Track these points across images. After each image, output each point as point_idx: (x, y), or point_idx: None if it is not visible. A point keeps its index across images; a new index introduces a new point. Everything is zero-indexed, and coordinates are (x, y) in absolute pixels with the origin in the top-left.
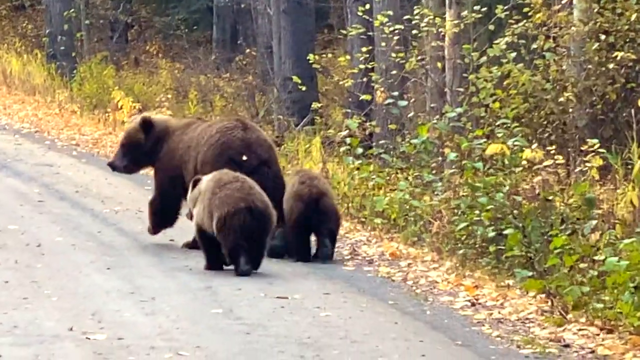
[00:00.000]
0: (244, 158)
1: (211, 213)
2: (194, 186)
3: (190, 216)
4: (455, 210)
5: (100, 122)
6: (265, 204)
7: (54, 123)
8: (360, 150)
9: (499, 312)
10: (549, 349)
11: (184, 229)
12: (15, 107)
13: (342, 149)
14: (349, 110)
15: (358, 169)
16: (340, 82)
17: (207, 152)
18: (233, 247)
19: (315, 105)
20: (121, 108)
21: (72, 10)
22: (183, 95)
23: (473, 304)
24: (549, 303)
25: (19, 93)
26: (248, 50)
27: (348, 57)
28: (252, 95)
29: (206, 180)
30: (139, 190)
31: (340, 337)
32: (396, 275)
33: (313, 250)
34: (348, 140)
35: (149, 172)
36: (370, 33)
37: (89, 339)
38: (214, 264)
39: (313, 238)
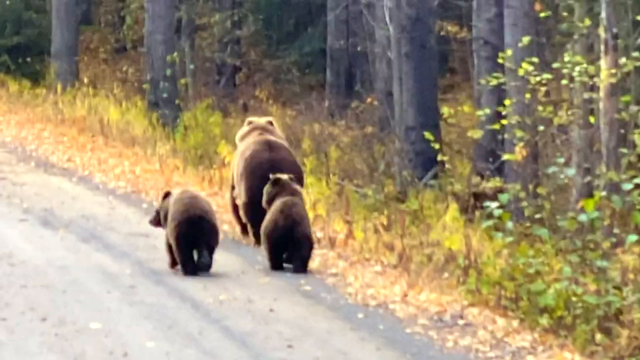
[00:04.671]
0: (270, 176)
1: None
2: (165, 198)
3: (153, 222)
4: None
5: (205, 181)
6: (204, 213)
7: (153, 181)
8: (510, 224)
9: None
10: None
11: (304, 329)
12: (111, 162)
13: (488, 222)
14: (479, 164)
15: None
16: (469, 134)
17: (242, 170)
18: (179, 254)
19: (441, 157)
20: (228, 164)
21: (176, 54)
22: (295, 145)
23: None
24: None
25: (117, 144)
26: (369, 100)
27: (487, 110)
28: (370, 145)
29: (174, 195)
30: (249, 271)
31: None
32: None
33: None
34: (496, 211)
35: (260, 251)
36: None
37: None
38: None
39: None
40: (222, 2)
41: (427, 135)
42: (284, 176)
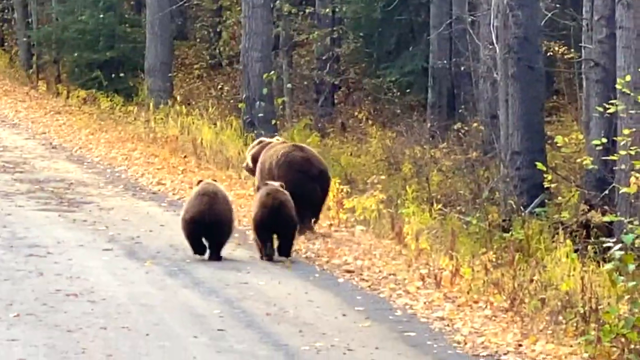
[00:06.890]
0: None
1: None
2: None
3: None
4: None
5: None
6: (219, 215)
7: (247, 208)
8: (632, 267)
9: None
10: None
11: None
12: None
13: (609, 265)
14: (588, 192)
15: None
16: (578, 161)
17: (280, 170)
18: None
19: (548, 184)
20: None
21: (273, 72)
22: (395, 168)
23: None
24: None
25: (210, 166)
26: (475, 124)
27: (604, 140)
28: (473, 170)
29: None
30: (348, 312)
31: None
32: None
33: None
34: (617, 253)
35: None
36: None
37: None
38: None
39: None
40: (321, 19)
41: (540, 165)
42: (275, 183)
